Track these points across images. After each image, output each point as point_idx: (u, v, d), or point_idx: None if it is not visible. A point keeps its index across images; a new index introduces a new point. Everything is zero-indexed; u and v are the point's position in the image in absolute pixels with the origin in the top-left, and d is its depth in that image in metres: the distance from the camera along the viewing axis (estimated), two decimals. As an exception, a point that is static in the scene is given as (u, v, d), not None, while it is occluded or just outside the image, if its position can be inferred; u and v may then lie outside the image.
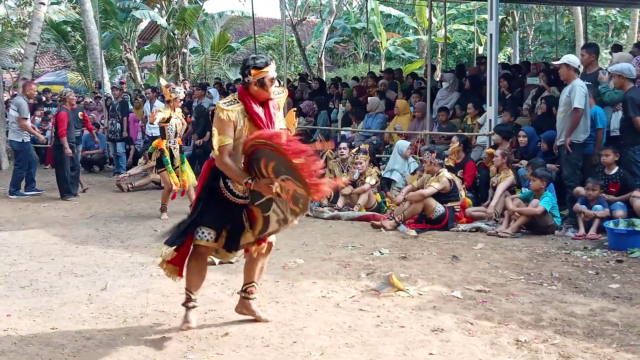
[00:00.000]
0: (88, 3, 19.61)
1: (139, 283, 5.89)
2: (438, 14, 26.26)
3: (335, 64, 34.92)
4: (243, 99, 4.39)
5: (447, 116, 11.18)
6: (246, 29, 32.14)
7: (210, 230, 4.43)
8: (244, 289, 4.78)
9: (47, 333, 4.63)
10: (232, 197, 4.44)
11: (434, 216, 8.05)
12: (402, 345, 4.30)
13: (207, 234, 4.43)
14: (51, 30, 25.27)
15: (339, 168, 9.88)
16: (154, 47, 27.62)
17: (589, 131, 7.98)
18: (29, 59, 17.27)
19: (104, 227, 8.60)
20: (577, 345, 4.26)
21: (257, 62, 4.34)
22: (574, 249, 6.92)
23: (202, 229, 4.43)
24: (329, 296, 5.38)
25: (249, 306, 4.80)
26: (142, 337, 4.53)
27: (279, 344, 4.36)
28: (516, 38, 27.08)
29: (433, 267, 6.26)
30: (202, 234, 4.43)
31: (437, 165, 8.24)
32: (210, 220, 4.44)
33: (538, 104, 10.11)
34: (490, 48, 9.31)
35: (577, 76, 7.97)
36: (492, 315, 4.87)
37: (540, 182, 7.67)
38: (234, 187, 4.42)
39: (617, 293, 5.37)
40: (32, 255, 7.06)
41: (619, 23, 27.96)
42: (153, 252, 7.03)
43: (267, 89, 4.37)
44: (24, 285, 5.88)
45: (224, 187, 4.43)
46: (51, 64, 32.50)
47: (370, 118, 12.12)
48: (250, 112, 4.35)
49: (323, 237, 7.75)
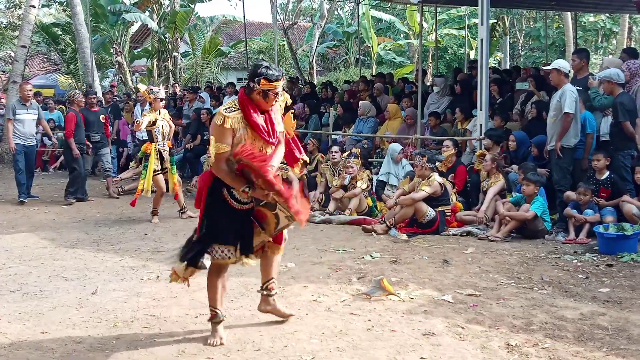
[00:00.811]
0: (79, 6, 19.55)
1: (129, 287, 5.86)
2: (429, 18, 26.34)
3: (327, 68, 35.00)
4: (243, 106, 4.29)
5: (437, 121, 11.21)
6: (237, 32, 32.18)
7: (229, 247, 4.38)
8: (265, 287, 4.77)
9: (37, 337, 4.60)
10: (238, 205, 4.38)
11: (425, 220, 8.07)
12: (394, 349, 4.30)
13: (227, 252, 4.37)
14: (41, 33, 25.18)
15: (330, 172, 9.88)
16: (144, 51, 27.60)
17: (579, 136, 8.02)
18: (19, 61, 17.16)
19: (94, 231, 8.57)
20: (567, 349, 4.28)
21: (269, 73, 4.24)
22: (564, 253, 6.95)
23: (220, 247, 4.37)
24: (320, 300, 5.38)
25: (272, 303, 4.79)
26: (133, 341, 4.51)
27: (269, 348, 4.36)
28: (506, 43, 27.22)
29: (424, 271, 6.27)
30: (221, 252, 4.37)
31: (428, 169, 8.25)
32: (225, 237, 4.38)
33: (528, 108, 10.16)
34: (481, 53, 9.35)
35: (567, 81, 8.01)
36: (483, 319, 4.88)
37: (534, 186, 7.70)
38: (238, 195, 4.35)
39: (607, 297, 5.40)
40: (22, 259, 7.02)
41: (608, 29, 28.15)
42: (143, 255, 7.05)
43: (269, 101, 4.31)
44: (13, 289, 5.85)
45: (229, 196, 4.36)
46: (41, 67, 32.40)
47: (362, 122, 12.13)
48: (249, 120, 4.28)
49: (314, 241, 7.75)
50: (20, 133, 11.02)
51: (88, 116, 11.37)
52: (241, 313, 5.06)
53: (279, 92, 4.35)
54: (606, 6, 19.07)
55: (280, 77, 4.29)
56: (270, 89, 4.26)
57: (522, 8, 26.37)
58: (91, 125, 11.39)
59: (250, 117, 4.27)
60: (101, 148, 11.73)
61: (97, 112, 11.70)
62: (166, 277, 5.79)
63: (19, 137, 11.01)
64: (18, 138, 11.01)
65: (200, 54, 27.02)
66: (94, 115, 11.51)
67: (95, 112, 11.61)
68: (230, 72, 32.98)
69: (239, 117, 4.26)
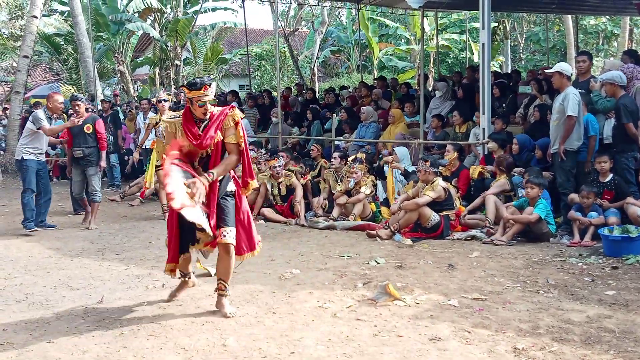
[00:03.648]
0: (80, 15, 19.63)
1: (135, 295, 5.86)
2: (432, 22, 26.40)
3: (328, 74, 35.04)
4: (184, 114, 5.06)
5: (440, 123, 11.22)
6: (238, 40, 32.28)
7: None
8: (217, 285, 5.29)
9: (43, 347, 4.60)
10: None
11: (429, 225, 8.06)
12: (400, 354, 4.30)
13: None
14: (44, 42, 25.27)
15: (332, 177, 9.88)
16: (146, 59, 27.67)
17: (582, 138, 8.02)
18: (21, 72, 17.25)
19: (99, 240, 8.57)
20: (574, 352, 4.27)
21: (189, 81, 4.95)
22: (569, 256, 6.94)
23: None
24: (325, 306, 5.38)
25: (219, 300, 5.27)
26: (139, 349, 4.51)
27: (276, 354, 4.35)
28: (507, 47, 27.25)
29: (429, 276, 6.26)
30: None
31: (432, 174, 8.26)
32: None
33: (530, 112, 10.17)
34: (483, 57, 9.38)
35: (569, 84, 8.02)
36: (489, 323, 4.87)
37: (538, 189, 7.70)
38: None
39: (613, 300, 5.39)
40: (27, 269, 7.03)
41: (609, 31, 28.16)
42: (148, 264, 7.05)
43: (198, 109, 4.96)
44: (19, 299, 5.85)
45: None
46: (43, 77, 32.49)
47: (364, 127, 12.14)
48: (182, 125, 5.02)
49: (319, 247, 7.75)
50: (34, 148, 9.34)
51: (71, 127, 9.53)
52: (247, 320, 5.06)
53: (205, 100, 4.93)
54: (607, 9, 19.11)
55: (202, 86, 4.89)
56: (194, 97, 4.92)
57: (522, 12, 26.42)
58: (74, 138, 9.59)
59: (184, 123, 5.02)
60: (88, 166, 9.63)
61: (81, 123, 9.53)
62: (172, 285, 5.83)
63: (32, 153, 9.31)
64: (31, 154, 9.30)
65: (202, 61, 27.09)
66: (76, 126, 9.49)
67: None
68: (232, 79, 33.08)
69: (177, 122, 5.06)
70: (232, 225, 5.08)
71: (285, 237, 8.52)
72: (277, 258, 7.13)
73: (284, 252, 7.46)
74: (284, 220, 9.58)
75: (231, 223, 5.08)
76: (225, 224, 5.06)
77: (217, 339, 4.66)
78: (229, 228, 5.06)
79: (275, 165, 9.79)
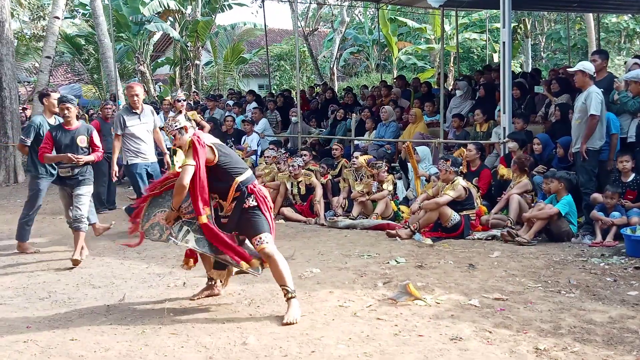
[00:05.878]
0: (101, 16, 19.80)
1: (156, 294, 5.91)
2: (454, 21, 26.30)
3: (347, 74, 35.03)
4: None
5: (461, 123, 11.17)
6: (258, 40, 32.34)
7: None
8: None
9: (66, 344, 4.65)
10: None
11: (450, 224, 8.03)
12: (421, 354, 4.29)
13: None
14: (65, 43, 25.52)
15: (352, 177, 9.88)
16: (167, 60, 27.87)
17: (605, 138, 7.95)
18: (44, 72, 17.39)
19: (120, 239, 8.62)
20: (596, 352, 4.24)
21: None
22: (591, 256, 6.88)
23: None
24: (346, 305, 5.38)
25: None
26: (161, 347, 4.54)
27: (297, 353, 4.36)
28: (528, 46, 27.07)
29: (450, 276, 6.24)
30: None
31: (452, 173, 8.22)
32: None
33: (551, 111, 10.09)
34: (504, 56, 9.32)
35: (592, 83, 7.94)
36: (511, 323, 4.85)
37: (558, 183, 7.64)
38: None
39: (636, 300, 5.33)
40: (50, 267, 7.10)
41: (632, 29, 27.88)
42: (169, 263, 7.09)
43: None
44: (42, 297, 5.93)
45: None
46: (65, 77, 32.80)
47: (384, 127, 12.12)
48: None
49: (338, 246, 7.75)
50: (134, 149, 8.59)
51: (59, 136, 7.44)
52: (267, 319, 5.08)
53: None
54: (629, 7, 18.91)
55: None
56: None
57: (543, 10, 26.24)
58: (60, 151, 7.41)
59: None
60: (77, 185, 7.51)
61: (72, 132, 7.46)
62: (193, 284, 5.86)
63: (136, 155, 8.59)
64: (136, 156, 8.59)
65: (222, 61, 27.20)
66: (65, 135, 7.42)
67: (68, 131, 7.45)
68: (252, 79, 33.19)
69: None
70: (261, 232, 5.16)
71: (305, 236, 8.53)
72: (297, 257, 7.14)
73: (303, 251, 7.47)
74: (304, 219, 9.59)
75: (260, 230, 5.16)
76: (255, 232, 5.16)
77: (238, 337, 4.68)
78: (258, 236, 5.15)
79: (293, 163, 9.81)
